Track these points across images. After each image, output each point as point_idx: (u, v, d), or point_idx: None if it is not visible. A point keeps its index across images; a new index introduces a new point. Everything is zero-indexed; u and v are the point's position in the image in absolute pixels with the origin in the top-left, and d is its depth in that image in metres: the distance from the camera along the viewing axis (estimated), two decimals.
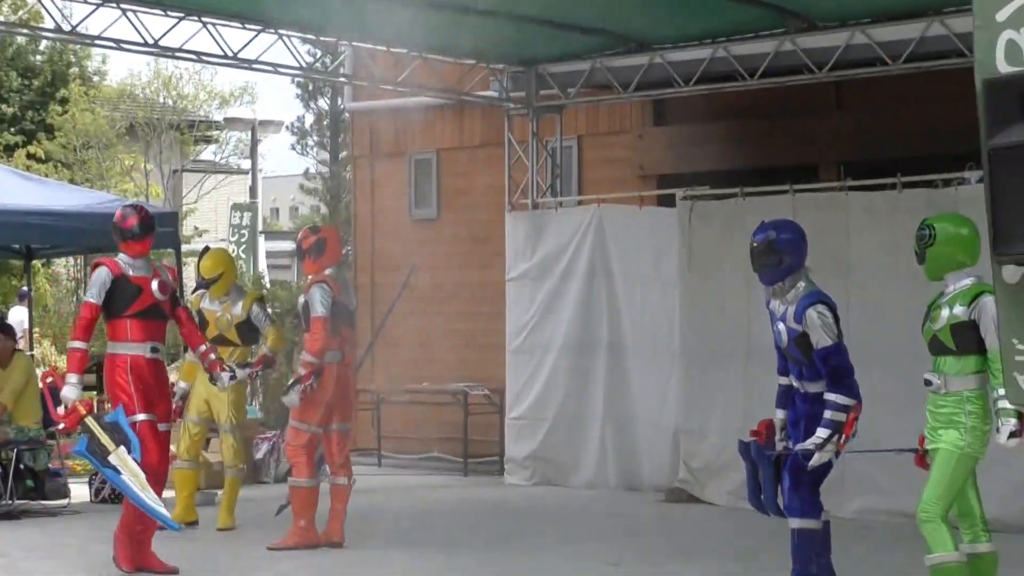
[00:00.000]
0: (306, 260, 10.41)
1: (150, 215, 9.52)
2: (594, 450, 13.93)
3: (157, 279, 9.19)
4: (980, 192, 6.17)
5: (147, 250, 9.34)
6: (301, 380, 10.19)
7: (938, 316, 7.25)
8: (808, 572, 8.09)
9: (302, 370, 10.24)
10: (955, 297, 7.24)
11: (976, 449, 7.14)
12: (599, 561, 9.86)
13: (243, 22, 12.90)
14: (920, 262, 7.37)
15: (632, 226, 13.72)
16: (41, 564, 9.80)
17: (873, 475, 11.15)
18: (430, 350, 16.15)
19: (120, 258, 9.24)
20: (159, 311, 9.20)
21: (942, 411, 7.21)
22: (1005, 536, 9.58)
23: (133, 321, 9.09)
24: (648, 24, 12.95)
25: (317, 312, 10.15)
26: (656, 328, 13.54)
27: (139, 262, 9.22)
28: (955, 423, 7.15)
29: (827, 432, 7.81)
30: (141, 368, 9.03)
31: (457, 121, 16.39)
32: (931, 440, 7.28)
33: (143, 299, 9.12)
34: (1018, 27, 5.78)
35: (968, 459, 7.14)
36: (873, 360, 8.72)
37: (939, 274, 7.32)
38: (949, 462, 7.12)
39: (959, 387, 7.17)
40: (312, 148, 34.11)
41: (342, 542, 10.36)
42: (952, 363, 7.19)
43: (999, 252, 6.03)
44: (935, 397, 7.25)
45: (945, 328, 7.19)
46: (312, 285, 10.30)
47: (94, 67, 31.66)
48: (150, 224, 9.38)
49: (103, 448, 8.61)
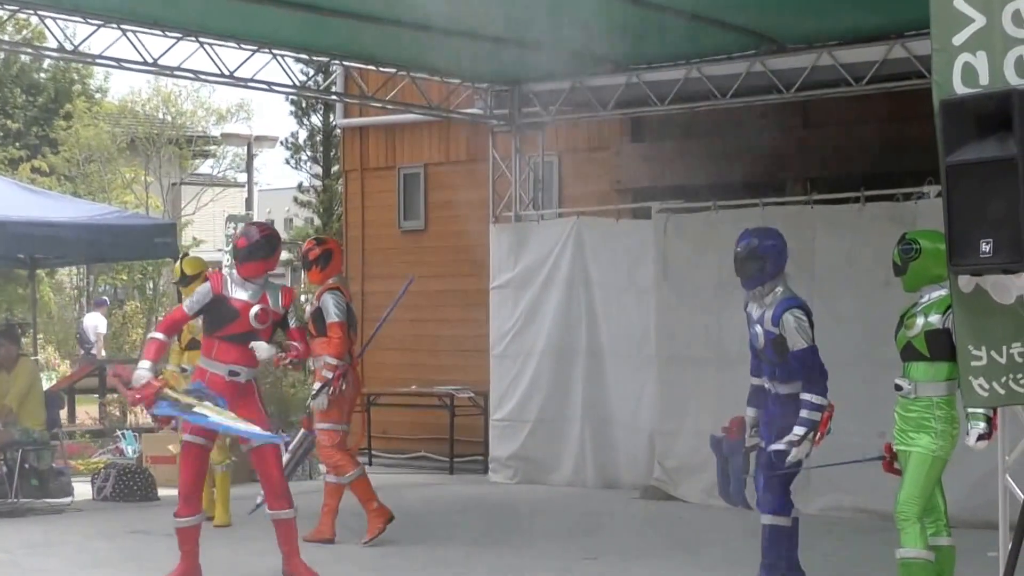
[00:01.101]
0: (312, 270, 10.54)
1: (259, 237, 8.91)
2: (574, 450, 14.04)
3: (260, 306, 8.75)
4: (939, 206, 6.40)
5: (257, 272, 8.85)
6: (330, 383, 10.32)
7: (913, 324, 7.34)
8: (777, 566, 8.31)
9: (328, 373, 10.31)
10: (930, 306, 7.34)
11: (946, 452, 7.26)
12: (578, 556, 9.98)
13: (238, 42, 12.90)
14: (899, 274, 7.46)
15: (610, 238, 13.83)
16: (45, 561, 9.89)
17: (837, 475, 11.00)
18: (418, 355, 16.10)
19: (232, 275, 8.91)
20: (252, 336, 8.75)
21: (911, 415, 7.32)
22: (963, 531, 9.80)
23: (221, 343, 8.76)
24: (626, 46, 12.91)
25: (333, 318, 10.35)
26: (632, 334, 13.59)
27: (251, 284, 8.83)
28: (925, 427, 7.26)
29: (803, 430, 8.00)
30: (217, 387, 8.66)
31: (444, 137, 16.46)
32: (900, 442, 7.36)
33: (238, 324, 8.73)
34: (974, 51, 6.09)
35: (940, 461, 7.27)
36: (835, 364, 8.81)
37: (918, 286, 7.42)
38: (924, 464, 7.24)
39: (929, 392, 7.28)
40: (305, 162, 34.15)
41: (334, 538, 10.49)
42: (924, 369, 7.31)
43: (955, 263, 6.20)
44: (905, 402, 7.35)
45: (920, 335, 7.30)
46: (324, 293, 10.44)
47: (96, 84, 31.83)
48: (256, 246, 8.87)
49: (187, 405, 8.48)
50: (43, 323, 22.61)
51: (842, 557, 9.82)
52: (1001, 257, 6.05)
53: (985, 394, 6.35)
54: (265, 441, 8.68)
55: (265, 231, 9.00)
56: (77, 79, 31.43)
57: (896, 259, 7.48)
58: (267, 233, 8.98)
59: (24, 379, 12.67)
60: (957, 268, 6.28)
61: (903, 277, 7.49)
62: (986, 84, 6.13)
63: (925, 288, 7.42)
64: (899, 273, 7.49)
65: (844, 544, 10.38)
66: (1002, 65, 6.07)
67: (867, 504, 11.18)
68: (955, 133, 6.19)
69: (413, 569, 9.60)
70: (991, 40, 6.10)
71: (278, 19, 12.25)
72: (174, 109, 30.70)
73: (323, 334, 10.49)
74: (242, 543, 10.41)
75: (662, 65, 13.42)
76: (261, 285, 8.88)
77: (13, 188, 15.20)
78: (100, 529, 10.97)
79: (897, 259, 7.48)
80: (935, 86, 6.30)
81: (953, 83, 6.22)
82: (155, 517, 11.70)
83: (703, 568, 9.53)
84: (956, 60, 6.20)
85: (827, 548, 9.90)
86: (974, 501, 10.56)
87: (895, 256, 7.50)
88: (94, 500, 12.98)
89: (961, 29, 6.19)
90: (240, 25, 12.58)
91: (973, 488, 10.61)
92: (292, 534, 8.88)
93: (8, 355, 12.74)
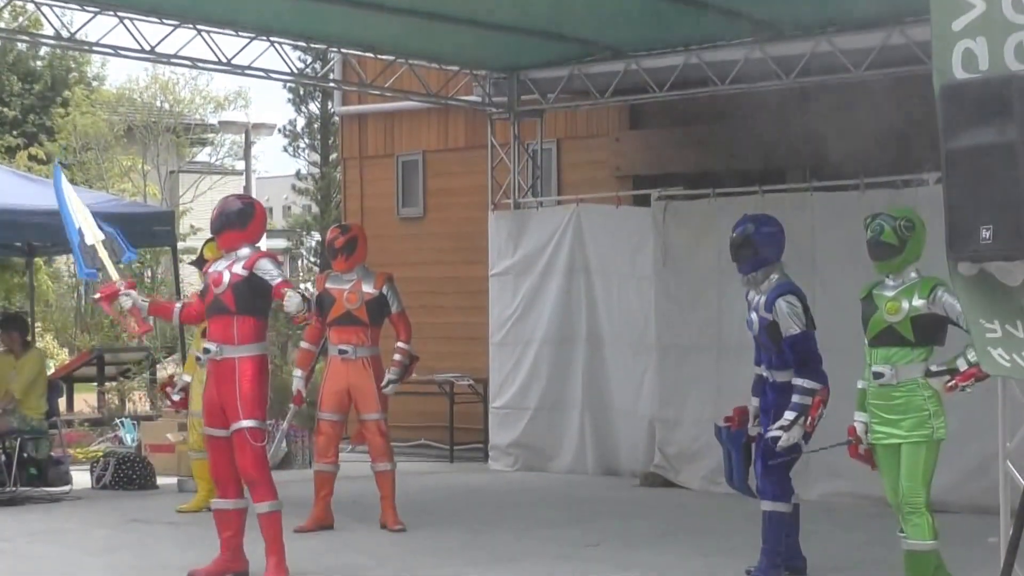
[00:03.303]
0: (339, 258, 10.54)
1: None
2: (574, 438, 14.08)
3: (223, 273, 8.49)
4: (938, 192, 6.36)
5: (231, 244, 8.53)
6: (408, 370, 10.58)
7: (896, 308, 7.28)
8: (777, 551, 8.34)
9: (406, 360, 10.56)
10: (908, 290, 7.32)
11: (943, 430, 7.23)
12: (578, 543, 10.00)
13: (236, 29, 12.87)
14: (893, 254, 7.36)
15: (609, 225, 13.82)
16: (44, 548, 9.90)
17: (837, 461, 11.21)
18: (417, 342, 15.57)
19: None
20: (222, 308, 8.42)
21: (896, 402, 7.29)
22: (962, 517, 9.84)
23: (208, 321, 8.58)
24: (624, 33, 13.04)
25: (402, 307, 10.63)
26: (632, 322, 13.61)
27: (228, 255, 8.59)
28: (916, 411, 7.22)
29: (793, 415, 8.04)
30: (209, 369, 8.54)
31: (442, 124, 16.51)
32: (882, 435, 7.31)
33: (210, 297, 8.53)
34: (974, 36, 6.05)
35: (936, 443, 7.23)
36: (836, 351, 8.86)
37: (910, 262, 7.38)
38: (918, 452, 7.21)
39: (913, 374, 7.25)
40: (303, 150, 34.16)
41: (332, 524, 10.56)
42: (906, 353, 7.27)
43: (956, 249, 6.14)
44: (887, 390, 7.30)
45: (905, 320, 7.26)
46: (386, 282, 10.60)
47: (93, 72, 31.83)
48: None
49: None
50: (41, 312, 22.59)
51: (842, 542, 9.86)
52: (1001, 243, 6.02)
53: (1007, 364, 6.27)
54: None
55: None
56: (74, 67, 31.40)
57: (891, 239, 7.39)
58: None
59: (31, 368, 12.65)
60: (957, 255, 6.24)
61: (894, 258, 7.39)
62: (986, 70, 6.11)
63: (908, 268, 7.40)
64: (893, 253, 7.39)
65: (843, 530, 10.42)
66: (1002, 50, 6.05)
67: (866, 491, 11.14)
68: (955, 119, 6.17)
69: (413, 556, 9.59)
70: (991, 26, 6.08)
71: (276, 6, 12.29)
72: (171, 97, 30.68)
73: (378, 324, 10.61)
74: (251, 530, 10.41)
75: (661, 52, 13.43)
76: (234, 257, 8.49)
77: (10, 176, 15.17)
78: (99, 518, 10.99)
79: (893, 239, 7.39)
80: (935, 72, 6.28)
81: (953, 69, 6.20)
82: (154, 505, 11.77)
83: (703, 554, 9.54)
84: (956, 46, 6.18)
85: (827, 534, 9.94)
86: (973, 487, 10.67)
87: (887, 235, 7.39)
88: (93, 489, 12.99)
89: (961, 15, 6.17)
90: (238, 12, 12.61)
91: (972, 474, 10.73)
92: (268, 530, 8.44)
93: (16, 342, 12.73)
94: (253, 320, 8.42)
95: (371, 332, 10.63)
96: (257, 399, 8.37)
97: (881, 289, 7.47)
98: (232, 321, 8.38)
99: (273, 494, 8.42)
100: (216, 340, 8.39)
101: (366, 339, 10.61)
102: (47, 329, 21.89)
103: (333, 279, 10.67)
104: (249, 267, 8.39)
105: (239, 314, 8.37)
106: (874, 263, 7.54)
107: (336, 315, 10.59)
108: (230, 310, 8.37)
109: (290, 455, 14.51)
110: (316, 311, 10.07)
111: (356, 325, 10.58)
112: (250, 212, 8.56)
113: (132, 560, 9.38)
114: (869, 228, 7.50)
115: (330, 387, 10.68)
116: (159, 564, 9.05)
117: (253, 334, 8.43)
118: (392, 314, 10.69)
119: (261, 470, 8.37)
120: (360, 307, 10.54)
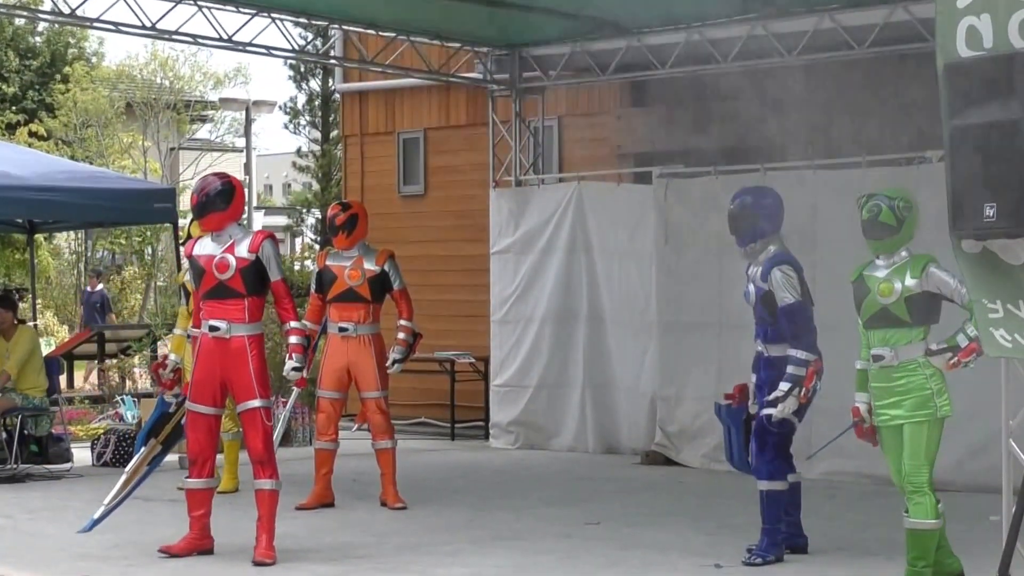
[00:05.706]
0: (340, 235, 10.54)
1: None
2: (575, 416, 14.10)
3: (220, 256, 8.49)
4: (941, 170, 6.33)
5: (217, 224, 8.56)
6: (412, 348, 10.61)
7: (890, 290, 7.28)
8: (777, 529, 8.33)
9: (410, 339, 10.58)
10: (899, 270, 7.31)
11: (948, 407, 7.23)
12: (579, 521, 10.01)
13: (237, 6, 12.82)
14: (890, 234, 7.35)
15: (610, 202, 13.83)
16: (45, 525, 9.94)
17: (839, 440, 11.39)
18: (418, 320, 15.47)
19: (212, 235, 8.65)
20: (226, 290, 8.45)
21: (897, 384, 7.28)
22: (965, 496, 9.87)
23: (204, 303, 8.54)
24: (627, 9, 12.97)
25: (404, 284, 10.62)
26: (633, 299, 13.63)
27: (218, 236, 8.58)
28: (917, 391, 7.22)
29: (788, 386, 8.04)
30: (206, 348, 8.53)
31: (443, 101, 16.46)
32: (885, 416, 7.30)
33: (207, 279, 8.50)
34: (978, 13, 6.00)
35: (940, 422, 7.22)
36: (837, 329, 8.88)
37: (904, 243, 7.36)
38: (921, 432, 7.21)
39: (912, 354, 7.25)
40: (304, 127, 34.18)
41: (333, 501, 10.60)
42: (904, 334, 7.28)
43: (959, 227, 6.13)
44: (887, 371, 7.29)
45: (899, 301, 7.27)
46: (387, 259, 10.59)
47: (92, 48, 31.80)
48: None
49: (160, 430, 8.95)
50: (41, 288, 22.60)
51: (844, 521, 9.87)
52: (1004, 221, 6.01)
53: (1009, 344, 6.27)
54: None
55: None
56: (72, 43, 31.34)
57: (889, 219, 7.37)
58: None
59: (23, 346, 12.59)
60: (961, 232, 6.22)
61: (891, 238, 7.38)
62: (990, 47, 6.08)
63: (900, 248, 7.39)
64: (890, 233, 7.37)
65: (846, 508, 10.44)
66: (1006, 28, 6.01)
67: (869, 469, 11.21)
68: (958, 96, 6.14)
69: (415, 534, 9.59)
70: (995, 3, 6.05)
71: None
72: (172, 74, 30.68)
73: (379, 301, 10.62)
74: (246, 509, 10.13)
75: (663, 29, 13.41)
76: (229, 236, 8.52)
77: (11, 152, 15.10)
78: (100, 495, 10.79)
79: (891, 219, 7.37)
80: (938, 49, 6.24)
81: (956, 46, 6.16)
82: (155, 483, 11.62)
83: (704, 532, 9.56)
84: (960, 23, 6.14)
85: (829, 512, 9.96)
86: (975, 465, 10.67)
87: (886, 216, 7.37)
88: (94, 466, 13.00)
89: None
90: None
91: (974, 452, 10.74)
92: (266, 508, 8.52)
93: (5, 322, 12.68)
94: (260, 300, 8.58)
95: (372, 309, 10.63)
96: (267, 378, 8.52)
97: (872, 270, 7.47)
98: (244, 303, 8.48)
99: (277, 473, 8.55)
100: (225, 319, 8.44)
101: (367, 316, 10.61)
102: (47, 306, 21.89)
103: (334, 256, 10.67)
104: (255, 250, 8.49)
105: (249, 295, 8.50)
106: (869, 242, 7.53)
107: (337, 292, 10.58)
108: (241, 293, 8.46)
109: (290, 433, 14.48)
110: (316, 290, 10.29)
111: (358, 302, 10.57)
112: (230, 191, 8.56)
113: (133, 537, 9.39)
114: (865, 208, 7.49)
115: (330, 365, 10.69)
116: (159, 541, 8.99)
117: (259, 313, 8.57)
118: (394, 291, 10.67)
119: (270, 449, 8.50)
120: (363, 284, 10.54)
